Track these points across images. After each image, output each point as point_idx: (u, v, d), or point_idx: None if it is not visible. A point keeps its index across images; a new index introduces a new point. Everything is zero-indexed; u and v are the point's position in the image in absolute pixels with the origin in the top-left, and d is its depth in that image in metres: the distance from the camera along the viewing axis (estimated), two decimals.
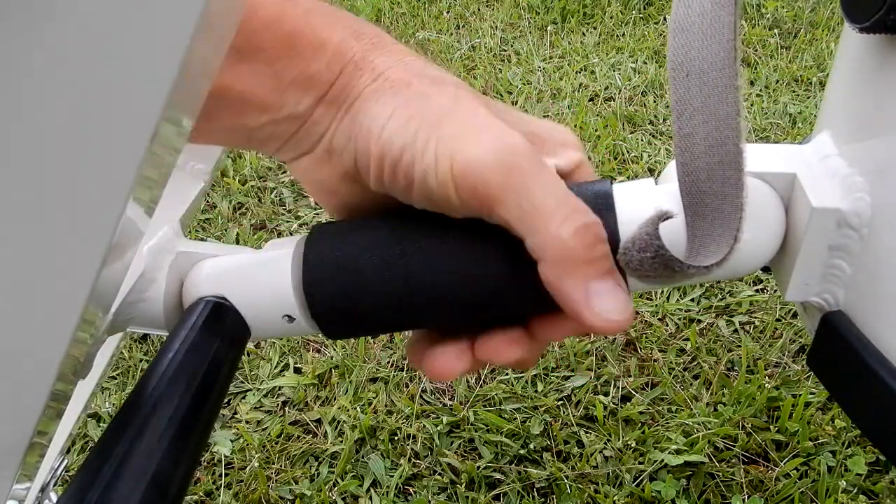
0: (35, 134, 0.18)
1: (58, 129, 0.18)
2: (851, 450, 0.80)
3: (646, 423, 0.84)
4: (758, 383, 0.86)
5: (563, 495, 0.77)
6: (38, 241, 0.19)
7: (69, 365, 0.23)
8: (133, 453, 0.26)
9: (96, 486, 0.24)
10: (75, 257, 0.20)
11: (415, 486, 0.80)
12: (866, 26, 0.28)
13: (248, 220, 1.20)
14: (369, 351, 0.95)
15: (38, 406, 0.23)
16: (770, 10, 1.72)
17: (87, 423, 0.90)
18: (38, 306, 0.21)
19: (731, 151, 0.27)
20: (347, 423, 0.87)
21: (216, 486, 0.82)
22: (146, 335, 1.00)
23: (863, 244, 0.30)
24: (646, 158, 1.26)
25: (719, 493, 0.77)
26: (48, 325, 0.21)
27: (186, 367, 0.30)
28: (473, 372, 0.87)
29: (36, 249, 0.20)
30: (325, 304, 0.32)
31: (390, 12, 1.85)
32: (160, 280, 0.35)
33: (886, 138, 0.29)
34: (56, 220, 0.19)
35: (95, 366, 0.40)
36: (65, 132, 0.18)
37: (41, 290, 0.20)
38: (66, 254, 0.20)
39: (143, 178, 0.19)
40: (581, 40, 1.68)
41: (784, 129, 1.34)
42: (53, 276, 0.20)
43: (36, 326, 0.21)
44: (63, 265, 0.20)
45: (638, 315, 0.98)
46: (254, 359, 0.96)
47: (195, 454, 0.28)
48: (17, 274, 0.20)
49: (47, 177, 0.18)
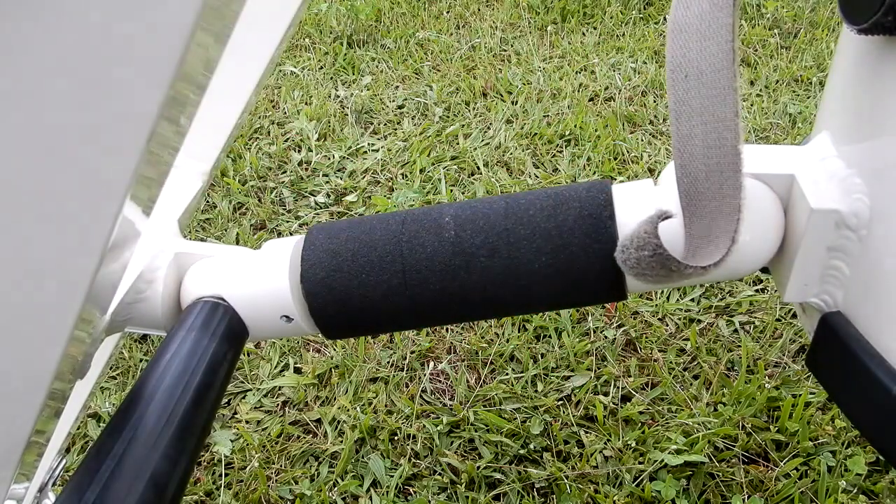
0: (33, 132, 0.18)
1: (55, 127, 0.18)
2: (851, 450, 0.80)
3: (646, 423, 0.84)
4: (758, 383, 0.86)
5: (563, 495, 0.77)
6: (35, 240, 0.19)
7: (67, 364, 0.23)
8: (131, 453, 0.26)
9: (94, 485, 0.24)
10: (73, 256, 0.20)
11: (415, 486, 0.80)
12: (864, 28, 0.28)
13: (247, 220, 1.20)
14: (369, 351, 0.95)
15: (36, 405, 0.23)
16: (770, 10, 1.72)
17: (87, 423, 0.90)
18: (36, 305, 0.21)
19: (730, 153, 0.27)
20: (347, 423, 0.87)
21: (216, 486, 0.82)
22: (145, 335, 1.00)
23: (861, 245, 0.30)
24: (646, 158, 1.26)
25: (719, 493, 0.77)
26: (46, 324, 0.21)
27: (184, 368, 0.30)
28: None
29: (34, 248, 0.19)
30: (323, 305, 0.32)
31: (390, 12, 1.85)
32: (158, 280, 0.35)
33: (885, 139, 0.29)
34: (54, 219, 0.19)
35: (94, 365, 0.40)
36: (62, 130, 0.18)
37: (39, 290, 0.20)
38: (63, 253, 0.20)
39: (141, 177, 0.19)
40: (581, 40, 1.68)
41: (784, 129, 1.34)
42: (51, 275, 0.20)
43: (34, 325, 0.21)
44: (61, 264, 0.20)
45: (638, 315, 0.98)
46: (254, 359, 0.96)
47: (193, 454, 0.28)
48: (15, 273, 0.20)
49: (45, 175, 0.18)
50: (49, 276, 0.20)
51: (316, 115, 1.44)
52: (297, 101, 1.51)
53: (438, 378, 0.92)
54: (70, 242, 0.20)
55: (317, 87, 1.56)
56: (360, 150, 1.35)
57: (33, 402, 0.23)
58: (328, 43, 1.73)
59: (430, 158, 1.30)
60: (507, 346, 0.93)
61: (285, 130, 1.42)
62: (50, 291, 0.20)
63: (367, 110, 1.47)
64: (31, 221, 0.19)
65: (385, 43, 1.72)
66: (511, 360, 0.93)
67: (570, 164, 1.25)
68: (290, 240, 0.34)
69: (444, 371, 0.93)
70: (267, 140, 1.39)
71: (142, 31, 0.17)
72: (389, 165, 1.30)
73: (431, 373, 0.92)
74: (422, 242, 0.33)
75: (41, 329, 0.21)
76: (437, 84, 1.53)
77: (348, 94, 1.52)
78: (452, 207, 0.35)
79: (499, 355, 0.93)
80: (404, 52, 1.67)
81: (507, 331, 0.96)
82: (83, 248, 0.20)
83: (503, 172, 1.25)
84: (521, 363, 0.92)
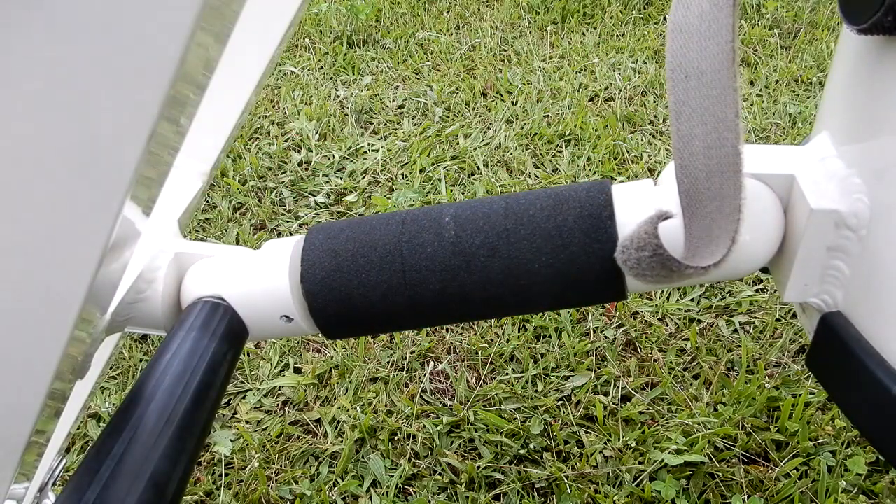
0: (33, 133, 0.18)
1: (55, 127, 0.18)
2: (851, 450, 0.80)
3: (646, 423, 0.84)
4: (758, 383, 0.86)
5: (563, 495, 0.77)
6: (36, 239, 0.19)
7: (67, 364, 0.23)
8: (131, 453, 0.26)
9: (94, 485, 0.24)
10: (73, 256, 0.20)
11: (415, 486, 0.80)
12: (864, 28, 0.28)
13: (247, 220, 1.20)
14: (369, 351, 0.95)
15: (36, 404, 0.23)
16: (770, 10, 1.72)
17: (87, 423, 0.90)
18: (36, 305, 0.21)
19: (730, 153, 0.27)
20: (347, 423, 0.87)
21: (216, 486, 0.82)
22: (146, 335, 1.00)
23: (861, 245, 0.30)
24: (646, 158, 1.26)
25: (719, 493, 0.77)
26: (46, 324, 0.21)
27: (184, 368, 0.30)
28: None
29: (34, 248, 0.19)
30: (323, 305, 0.32)
31: (390, 12, 1.85)
32: (158, 280, 0.35)
33: (885, 139, 0.29)
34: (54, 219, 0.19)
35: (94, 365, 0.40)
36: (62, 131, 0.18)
37: (39, 289, 0.20)
38: (63, 253, 0.20)
39: (141, 177, 0.19)
40: (581, 40, 1.68)
41: (784, 129, 1.34)
42: (52, 275, 0.20)
43: (34, 325, 0.21)
44: (61, 264, 0.20)
45: (638, 315, 0.98)
46: (254, 359, 0.96)
47: (193, 454, 0.28)
48: (15, 272, 0.20)
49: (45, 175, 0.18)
50: (49, 275, 0.20)
51: (316, 115, 1.44)
52: (297, 101, 1.51)
53: (438, 378, 0.92)
54: (70, 242, 0.20)
55: (317, 87, 1.56)
56: (360, 150, 1.35)
57: (33, 402, 0.23)
58: (328, 43, 1.73)
59: (430, 158, 1.30)
60: (507, 346, 0.93)
61: (285, 130, 1.42)
62: (50, 291, 0.20)
63: (367, 110, 1.47)
64: (31, 221, 0.19)
65: (385, 43, 1.72)
66: (511, 360, 0.93)
67: (570, 164, 1.25)
68: (290, 240, 0.34)
69: (444, 371, 0.93)
70: (267, 140, 1.39)
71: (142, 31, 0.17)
72: (389, 165, 1.30)
73: (431, 373, 0.92)
74: (422, 242, 0.33)
75: (41, 329, 0.21)
76: (437, 84, 1.53)
77: (348, 94, 1.52)
78: (452, 207, 0.35)
79: (499, 355, 0.93)
80: (404, 52, 1.67)
81: (507, 331, 0.96)
82: (83, 248, 0.20)
83: (503, 172, 1.25)
84: (521, 363, 0.92)
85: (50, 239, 0.20)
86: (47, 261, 0.20)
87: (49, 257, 0.20)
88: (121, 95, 0.18)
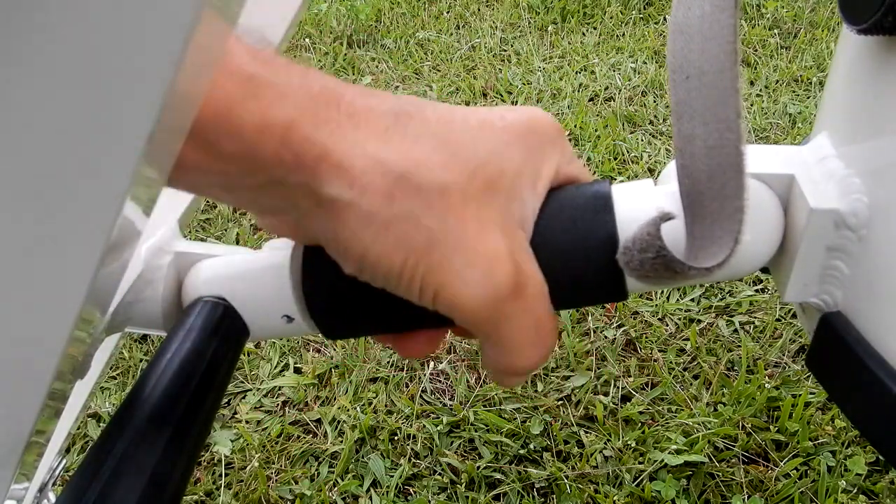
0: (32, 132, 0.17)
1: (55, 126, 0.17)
2: (851, 450, 0.80)
3: (646, 423, 0.84)
4: (758, 383, 0.86)
5: (563, 495, 0.77)
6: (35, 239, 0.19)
7: (67, 364, 0.23)
8: (131, 453, 0.26)
9: (94, 486, 0.24)
10: (72, 256, 0.20)
11: (415, 486, 0.80)
12: (864, 28, 0.28)
13: (248, 220, 1.20)
14: (369, 351, 0.95)
15: (35, 405, 0.23)
16: (770, 10, 1.72)
17: (87, 423, 0.90)
18: (35, 305, 0.21)
19: (732, 154, 0.27)
20: (347, 423, 0.87)
21: (216, 486, 0.82)
22: (146, 335, 1.00)
23: (861, 245, 0.30)
24: (646, 158, 1.26)
25: (719, 493, 0.77)
26: (46, 324, 0.21)
27: (185, 368, 0.30)
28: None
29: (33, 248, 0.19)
30: (323, 305, 0.32)
31: (390, 12, 1.85)
32: (158, 280, 0.35)
33: (884, 139, 0.29)
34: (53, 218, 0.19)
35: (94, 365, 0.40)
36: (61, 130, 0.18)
37: (39, 289, 0.20)
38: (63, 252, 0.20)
39: (141, 177, 0.19)
40: (581, 40, 1.68)
41: (784, 129, 1.34)
42: (51, 275, 0.20)
43: (33, 325, 0.21)
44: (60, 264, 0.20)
45: (638, 315, 0.98)
46: (254, 359, 0.96)
47: (193, 454, 0.28)
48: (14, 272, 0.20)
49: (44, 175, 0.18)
50: (49, 275, 0.20)
51: None
52: None
53: (438, 378, 0.92)
54: (70, 242, 0.20)
55: None
56: None
57: (33, 403, 0.23)
58: (328, 43, 1.73)
59: None
60: None
61: None
62: (50, 291, 0.20)
63: None
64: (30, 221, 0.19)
65: (385, 43, 1.72)
66: None
67: None
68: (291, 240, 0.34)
69: (444, 371, 0.93)
70: None
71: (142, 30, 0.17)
72: None
73: (431, 373, 0.92)
74: None
75: (41, 329, 0.21)
76: (437, 84, 1.53)
77: None
78: None
79: None
80: (404, 52, 1.67)
81: None
82: (83, 248, 0.20)
83: None
84: None
85: (50, 239, 0.19)
86: (47, 261, 0.20)
87: (48, 257, 0.20)
88: (121, 95, 0.18)
